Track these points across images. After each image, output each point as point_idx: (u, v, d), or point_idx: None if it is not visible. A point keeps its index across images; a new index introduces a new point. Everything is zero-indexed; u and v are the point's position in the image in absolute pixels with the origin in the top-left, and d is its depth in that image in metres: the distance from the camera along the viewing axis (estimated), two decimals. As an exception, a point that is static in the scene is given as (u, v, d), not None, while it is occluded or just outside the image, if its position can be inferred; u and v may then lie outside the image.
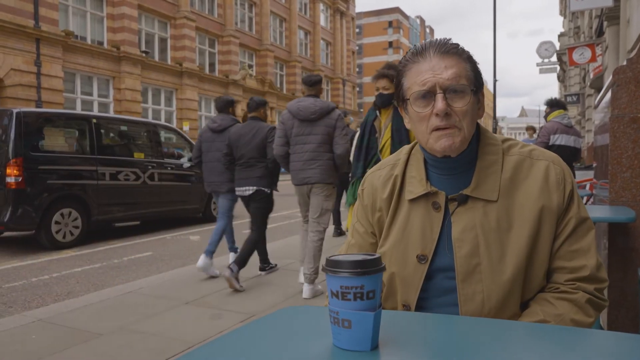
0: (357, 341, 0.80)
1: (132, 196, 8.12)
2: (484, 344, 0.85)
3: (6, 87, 18.44)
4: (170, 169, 8.91)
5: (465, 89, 1.14)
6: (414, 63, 1.18)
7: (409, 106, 1.19)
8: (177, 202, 9.06)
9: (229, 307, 3.89)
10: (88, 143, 7.64)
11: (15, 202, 6.50)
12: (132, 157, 8.32)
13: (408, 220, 1.23)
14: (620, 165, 2.63)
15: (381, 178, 1.32)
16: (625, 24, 10.94)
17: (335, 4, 46.24)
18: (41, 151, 6.95)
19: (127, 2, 23.79)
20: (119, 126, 8.88)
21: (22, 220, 6.64)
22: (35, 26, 19.23)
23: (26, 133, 6.70)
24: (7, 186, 6.46)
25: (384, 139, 3.74)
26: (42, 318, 3.61)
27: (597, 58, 15.62)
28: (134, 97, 24.00)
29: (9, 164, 6.46)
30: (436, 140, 1.15)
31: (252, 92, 33.88)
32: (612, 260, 2.62)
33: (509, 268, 1.12)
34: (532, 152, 1.21)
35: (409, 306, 1.22)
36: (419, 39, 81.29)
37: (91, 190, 7.39)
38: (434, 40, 1.19)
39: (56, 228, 6.91)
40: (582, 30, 23.32)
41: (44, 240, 6.82)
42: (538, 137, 5.87)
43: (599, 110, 3.48)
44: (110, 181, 7.70)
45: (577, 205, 1.18)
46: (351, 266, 0.79)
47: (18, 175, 6.49)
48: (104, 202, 7.59)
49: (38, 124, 7.07)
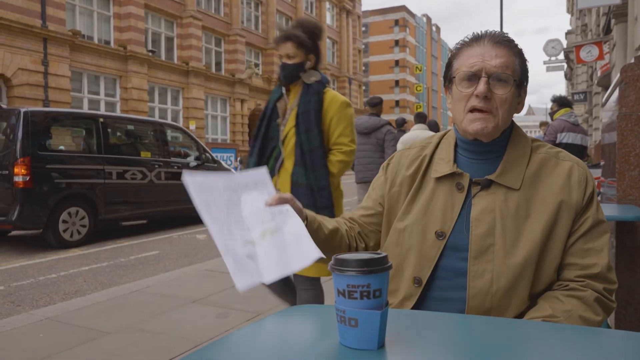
0: (364, 340, 0.80)
1: (138, 195, 8.13)
2: (491, 343, 0.84)
3: (14, 86, 18.54)
4: (177, 168, 8.88)
5: (508, 79, 1.19)
6: (467, 47, 1.25)
7: (454, 85, 1.25)
8: (183, 201, 8.80)
9: (236, 306, 3.90)
10: (95, 142, 7.67)
11: (23, 201, 6.52)
12: (139, 156, 8.34)
13: (432, 198, 1.28)
14: (627, 164, 2.61)
15: (409, 157, 1.38)
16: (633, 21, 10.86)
17: (342, 2, 46.18)
18: (48, 150, 6.98)
19: (134, 2, 23.86)
20: (125, 125, 8.87)
21: (29, 219, 6.67)
22: (42, 26, 19.32)
23: (34, 132, 6.72)
24: (14, 185, 6.48)
25: (287, 127, 2.68)
26: (49, 316, 3.63)
27: (605, 56, 15.52)
28: (140, 97, 24.08)
29: (16, 163, 6.48)
30: (470, 122, 1.22)
31: (259, 91, 33.92)
32: (619, 259, 2.60)
33: (522, 253, 1.15)
34: (558, 153, 1.26)
35: (420, 280, 1.24)
36: (425, 37, 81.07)
37: (98, 189, 7.41)
38: (491, 30, 1.26)
39: (63, 227, 6.92)
40: (590, 28, 23.18)
41: (51, 239, 6.83)
42: (545, 136, 5.85)
43: (606, 109, 3.46)
44: (117, 180, 7.70)
45: (595, 207, 1.21)
46: (358, 265, 0.79)
47: (26, 175, 6.50)
48: (111, 201, 7.59)
49: (45, 123, 7.08)
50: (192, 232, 8.37)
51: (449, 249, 1.23)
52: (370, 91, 72.35)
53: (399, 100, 72.44)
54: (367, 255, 0.82)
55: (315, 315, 1.03)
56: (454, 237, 1.22)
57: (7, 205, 6.53)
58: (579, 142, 5.50)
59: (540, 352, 0.80)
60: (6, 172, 6.58)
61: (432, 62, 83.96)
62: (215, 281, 4.67)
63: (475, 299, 1.16)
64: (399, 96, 72.45)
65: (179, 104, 27.75)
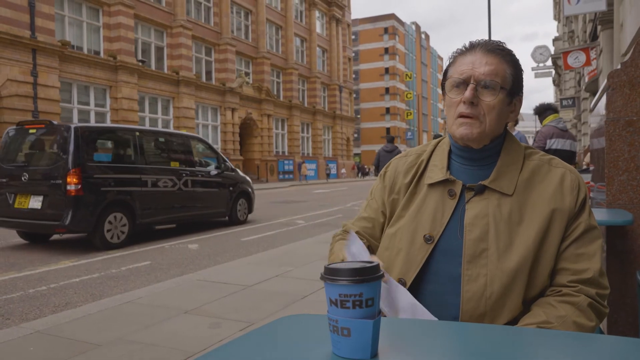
0: (357, 349, 0.79)
1: (169, 201, 8.96)
2: (485, 350, 0.84)
3: (3, 97, 18.44)
4: (200, 176, 9.76)
5: (495, 86, 1.22)
6: (461, 55, 1.28)
7: (446, 92, 1.28)
8: (207, 206, 9.93)
9: (228, 316, 3.88)
10: (132, 154, 8.51)
11: (75, 207, 7.27)
12: (169, 166, 9.15)
13: (423, 204, 1.30)
14: (616, 169, 2.63)
15: (406, 164, 1.40)
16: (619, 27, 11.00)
17: (331, 11, 46.42)
18: (95, 161, 7.78)
19: (124, 12, 23.86)
20: (157, 138, 9.67)
21: (80, 223, 7.39)
22: (31, 37, 19.26)
23: (82, 146, 7.53)
24: (67, 193, 7.27)
25: None
26: (39, 329, 3.59)
27: (592, 62, 15.68)
28: (130, 106, 24.02)
29: (69, 174, 7.28)
30: (458, 127, 1.25)
31: (249, 99, 33.95)
32: (610, 264, 2.62)
33: (515, 258, 1.16)
34: (551, 160, 1.28)
35: (404, 282, 1.25)
36: (414, 45, 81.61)
37: (136, 196, 8.19)
38: (487, 39, 1.29)
39: (108, 230, 7.66)
40: (577, 35, 23.44)
41: (97, 241, 7.57)
42: (534, 142, 5.88)
43: (594, 114, 3.49)
44: (152, 188, 8.55)
45: (587, 213, 1.23)
46: (349, 274, 0.79)
47: (77, 183, 7.31)
48: (147, 206, 8.38)
49: (91, 137, 7.90)
50: (184, 242, 8.33)
51: (441, 254, 1.24)
52: (360, 99, 72.65)
53: (389, 107, 72.79)
54: (358, 265, 0.82)
55: (308, 325, 1.03)
56: (446, 242, 1.23)
57: (60, 211, 7.27)
58: (567, 148, 5.54)
59: (534, 359, 0.80)
60: (59, 181, 7.34)
61: (421, 69, 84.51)
62: (207, 291, 4.65)
63: (469, 303, 1.16)
64: (389, 103, 72.81)
65: (169, 113, 27.71)
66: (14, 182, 7.74)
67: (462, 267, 1.19)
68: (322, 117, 44.95)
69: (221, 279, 5.10)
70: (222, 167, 10.48)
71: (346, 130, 49.81)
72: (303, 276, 5.18)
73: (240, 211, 10.76)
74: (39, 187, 7.55)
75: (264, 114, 35.77)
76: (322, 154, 45.09)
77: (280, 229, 10.10)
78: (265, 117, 35.90)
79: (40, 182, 7.57)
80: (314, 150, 44.17)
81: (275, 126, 38.43)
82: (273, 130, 37.52)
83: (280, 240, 8.36)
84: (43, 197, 7.45)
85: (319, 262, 5.85)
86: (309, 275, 5.20)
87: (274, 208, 14.97)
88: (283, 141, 40.14)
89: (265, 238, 8.78)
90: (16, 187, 7.69)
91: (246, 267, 5.72)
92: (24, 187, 7.61)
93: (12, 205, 7.64)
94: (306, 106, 42.50)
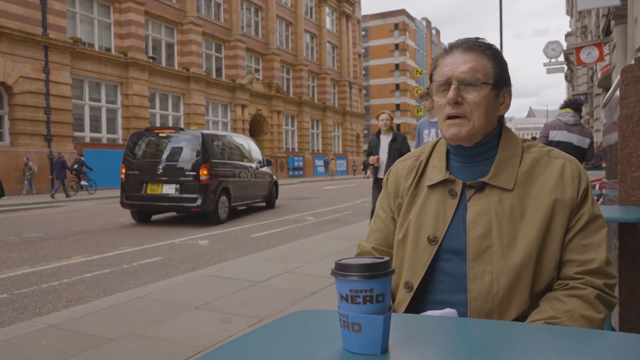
0: (367, 345, 0.80)
1: (245, 188, 11.92)
2: (494, 347, 0.84)
3: (15, 94, 18.62)
4: (257, 169, 12.69)
5: (476, 82, 1.21)
6: (442, 58, 1.29)
7: (432, 96, 1.29)
8: (260, 194, 12.92)
9: (238, 312, 3.90)
10: (227, 152, 11.60)
11: (205, 193, 9.99)
12: (243, 162, 12.16)
13: (424, 205, 1.30)
14: (629, 165, 2.61)
15: (406, 168, 1.40)
16: (633, 22, 10.87)
17: (341, 7, 46.30)
18: (213, 159, 10.44)
19: (134, 9, 23.96)
20: (236, 140, 12.88)
21: (208, 204, 10.02)
22: (43, 34, 19.41)
23: (208, 147, 10.32)
24: (200, 182, 9.96)
25: None
26: (52, 324, 3.63)
27: (605, 57, 15.53)
28: (141, 103, 24.14)
29: (202, 167, 10.03)
30: (447, 128, 1.25)
31: (259, 96, 33.99)
32: (622, 261, 2.59)
33: (519, 253, 1.16)
34: (550, 151, 1.27)
35: (411, 285, 1.26)
36: (425, 40, 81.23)
37: (231, 185, 11.01)
38: (466, 38, 1.28)
39: (219, 208, 10.40)
40: (590, 30, 23.21)
41: (214, 217, 10.25)
42: (540, 133, 5.90)
43: (607, 110, 3.46)
44: (238, 179, 11.50)
45: (590, 203, 1.21)
46: (360, 269, 0.79)
47: (207, 175, 10.03)
48: (237, 192, 11.25)
49: (211, 141, 10.66)
50: (194, 238, 8.37)
51: (446, 253, 1.24)
52: (370, 95, 72.46)
53: (399, 103, 72.51)
54: (369, 260, 0.82)
55: (318, 320, 1.03)
56: (449, 241, 1.24)
57: (196, 195, 9.95)
58: (573, 142, 5.49)
59: (544, 355, 0.80)
60: (194, 173, 10.03)
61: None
62: (217, 287, 4.67)
63: (476, 301, 1.16)
64: (400, 100, 72.54)
65: (179, 110, 27.81)
66: (147, 174, 10.23)
67: (467, 265, 1.19)
68: (332, 113, 44.90)
69: (231, 275, 5.13)
70: (264, 161, 13.39)
71: (356, 127, 49.73)
72: (312, 272, 5.19)
73: (273, 197, 13.78)
74: (174, 177, 10.11)
75: (274, 110, 35.80)
76: (331, 150, 45.06)
77: (289, 225, 10.12)
78: (275, 114, 35.95)
79: (175, 173, 10.14)
80: (324, 146, 44.15)
81: (285, 123, 38.46)
82: (283, 127, 37.55)
83: (290, 237, 8.38)
84: (177, 185, 10.06)
85: (328, 258, 5.86)
86: (318, 271, 5.21)
87: (284, 204, 15.00)
88: (293, 138, 40.15)
89: (274, 234, 8.81)
90: (149, 177, 10.20)
91: (256, 264, 5.74)
92: (156, 177, 10.14)
93: (145, 191, 10.17)
94: (316, 102, 42.47)
